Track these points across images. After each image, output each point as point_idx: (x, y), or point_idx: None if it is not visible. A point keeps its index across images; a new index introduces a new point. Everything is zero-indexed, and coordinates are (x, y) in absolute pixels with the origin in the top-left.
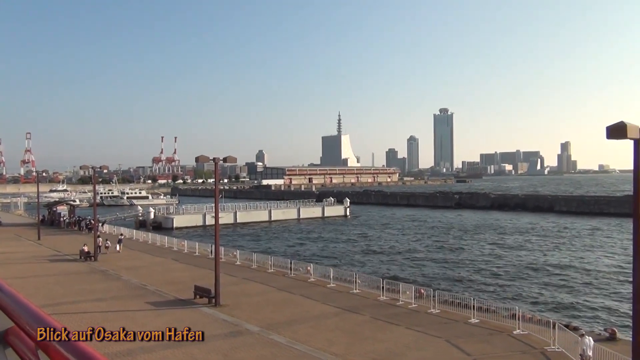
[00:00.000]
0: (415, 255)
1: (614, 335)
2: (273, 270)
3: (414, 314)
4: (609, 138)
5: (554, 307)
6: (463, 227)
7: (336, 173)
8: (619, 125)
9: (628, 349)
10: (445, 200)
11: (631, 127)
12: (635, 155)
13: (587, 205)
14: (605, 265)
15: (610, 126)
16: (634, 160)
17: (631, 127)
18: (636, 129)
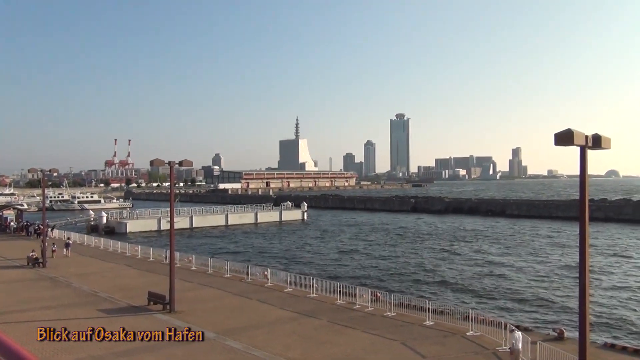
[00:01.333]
0: (372, 258)
1: (562, 335)
2: (229, 276)
3: (370, 317)
4: (556, 144)
5: (506, 308)
6: (418, 231)
7: (294, 177)
8: (566, 133)
9: (575, 348)
10: (402, 204)
11: (577, 134)
12: (581, 161)
13: (536, 209)
14: (554, 267)
15: (557, 133)
16: (580, 166)
17: (577, 134)
18: (582, 136)
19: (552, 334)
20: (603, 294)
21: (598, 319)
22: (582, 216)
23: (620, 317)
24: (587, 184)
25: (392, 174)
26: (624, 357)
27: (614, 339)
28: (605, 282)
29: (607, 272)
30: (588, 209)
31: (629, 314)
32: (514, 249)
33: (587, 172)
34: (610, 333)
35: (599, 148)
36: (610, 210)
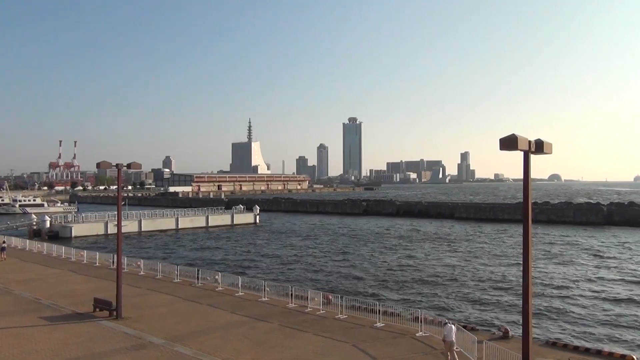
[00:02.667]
0: (324, 261)
1: (507, 333)
2: (179, 280)
3: (322, 320)
4: (501, 149)
5: (455, 309)
6: (369, 233)
7: (246, 180)
8: (510, 138)
9: (519, 346)
10: (354, 207)
11: (521, 139)
12: (524, 165)
13: (483, 211)
14: (500, 268)
15: (502, 138)
16: (524, 170)
17: (521, 139)
18: (525, 141)
19: (498, 333)
20: (546, 293)
21: (541, 317)
22: (526, 218)
23: (561, 315)
24: (530, 187)
25: (344, 177)
26: (565, 353)
27: (556, 337)
28: (548, 282)
29: (550, 272)
30: (531, 212)
31: (569, 313)
32: (462, 251)
33: (530, 176)
34: (552, 331)
35: (541, 153)
36: (553, 213)
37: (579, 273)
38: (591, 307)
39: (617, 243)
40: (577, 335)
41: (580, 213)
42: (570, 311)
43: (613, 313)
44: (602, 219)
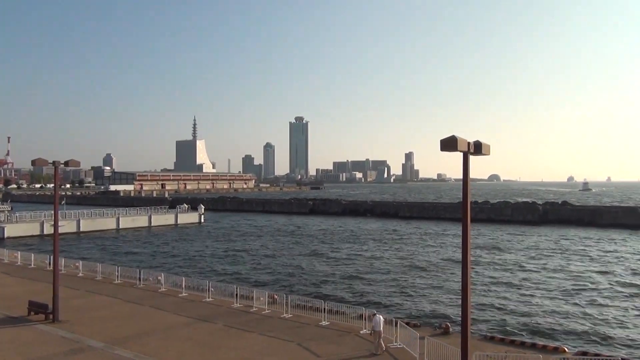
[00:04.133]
0: (270, 260)
1: (448, 329)
2: (120, 281)
3: (267, 319)
4: (442, 150)
5: (399, 306)
6: (315, 232)
7: (191, 179)
8: (451, 139)
9: (459, 341)
10: (300, 207)
11: (461, 140)
12: (464, 166)
13: (426, 211)
14: (442, 265)
15: (443, 140)
16: (463, 171)
17: (461, 140)
18: (465, 142)
19: (439, 329)
20: (486, 289)
21: (481, 313)
22: (465, 217)
23: (499, 311)
24: (469, 186)
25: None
26: (501, 347)
27: (494, 331)
28: (487, 279)
29: (488, 269)
30: (472, 211)
31: (506, 308)
32: (405, 249)
33: (470, 176)
34: (492, 326)
35: (479, 154)
36: (492, 212)
37: (515, 270)
38: (527, 302)
39: (551, 240)
40: (513, 330)
41: (518, 212)
42: (507, 306)
43: (548, 308)
44: (537, 218)
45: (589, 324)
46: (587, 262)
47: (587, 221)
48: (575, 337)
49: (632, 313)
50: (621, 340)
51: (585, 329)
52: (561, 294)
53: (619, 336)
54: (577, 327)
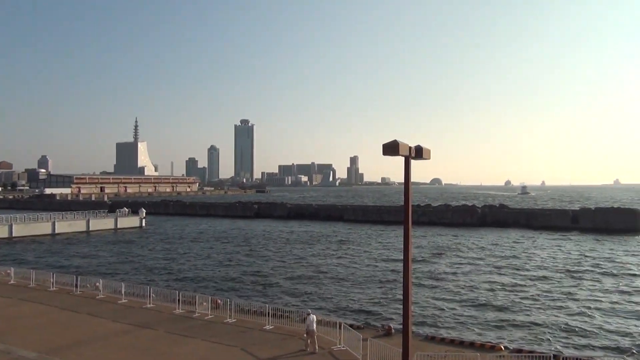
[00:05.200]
0: (213, 265)
1: (390, 331)
2: (56, 289)
3: (210, 324)
4: (384, 154)
5: (341, 308)
6: (260, 236)
7: (132, 182)
8: (392, 144)
9: (401, 342)
10: (245, 210)
11: (402, 145)
12: (405, 170)
13: (370, 214)
14: (385, 267)
15: (385, 144)
16: (405, 174)
17: (402, 145)
18: (406, 147)
19: (382, 331)
20: (428, 290)
21: (423, 313)
22: (406, 220)
23: (441, 311)
24: (410, 190)
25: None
26: (442, 347)
27: (435, 331)
28: (430, 279)
29: (431, 270)
30: (414, 214)
31: (448, 308)
32: (349, 252)
33: (411, 180)
34: (432, 326)
35: (420, 158)
36: (434, 215)
37: (455, 271)
38: (466, 301)
39: (489, 241)
40: (454, 329)
41: (458, 215)
42: (448, 306)
43: (486, 307)
44: (476, 220)
45: (526, 321)
46: (523, 261)
47: (523, 223)
48: (512, 335)
49: (563, 310)
50: (554, 337)
51: (522, 326)
52: (499, 293)
53: (551, 333)
54: (514, 325)
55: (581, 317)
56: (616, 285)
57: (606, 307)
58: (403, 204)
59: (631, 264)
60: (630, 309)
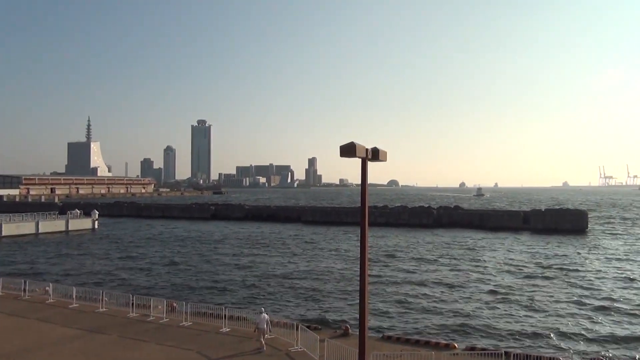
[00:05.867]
0: (168, 267)
1: (347, 331)
2: (2, 294)
3: (165, 328)
4: (342, 156)
5: (299, 309)
6: (217, 238)
7: (84, 183)
8: (349, 146)
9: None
10: (202, 212)
11: (359, 147)
12: (362, 171)
13: (329, 215)
14: (342, 268)
15: (342, 146)
16: (362, 176)
17: (359, 147)
18: (363, 149)
19: (339, 331)
20: (384, 290)
21: (379, 313)
22: (363, 221)
23: (397, 310)
24: (367, 191)
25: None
26: (398, 346)
27: (391, 331)
28: (386, 279)
29: (388, 270)
30: (371, 215)
31: (404, 307)
32: (306, 254)
33: (368, 181)
34: (389, 325)
35: (377, 160)
36: (391, 216)
37: (412, 270)
38: (421, 301)
39: (443, 242)
40: (410, 328)
41: (414, 216)
42: (404, 306)
43: (441, 305)
44: (432, 221)
45: (479, 320)
46: (475, 261)
47: (477, 224)
48: (465, 333)
49: (514, 309)
50: (506, 334)
51: (475, 325)
52: (453, 292)
53: (504, 331)
54: (468, 323)
55: (531, 315)
56: (565, 283)
57: (555, 305)
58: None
59: (577, 263)
60: (578, 307)
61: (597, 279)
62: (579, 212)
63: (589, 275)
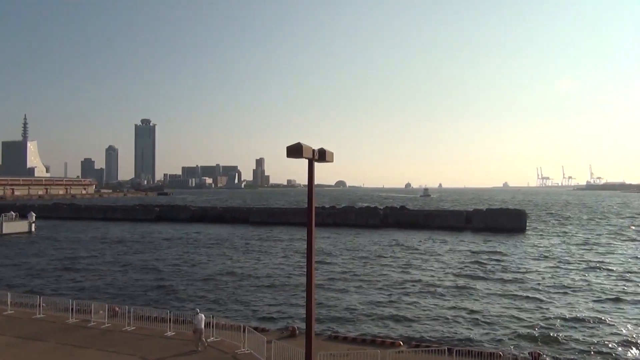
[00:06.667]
0: (110, 270)
1: (295, 332)
2: None
3: (107, 333)
4: (288, 157)
5: (247, 311)
6: (161, 240)
7: (20, 184)
8: (296, 147)
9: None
10: (146, 214)
11: (306, 148)
12: (309, 172)
13: (276, 216)
14: (290, 267)
15: (289, 147)
16: (308, 177)
17: (306, 148)
18: (310, 149)
19: (286, 332)
20: (332, 290)
21: (327, 313)
22: (310, 221)
23: (343, 310)
24: (314, 192)
25: (136, 181)
26: (345, 345)
27: (337, 330)
28: (334, 279)
29: (335, 269)
30: (319, 216)
31: (352, 307)
32: (253, 255)
33: (315, 182)
34: (336, 325)
35: (324, 161)
36: (338, 217)
37: (358, 269)
38: (368, 299)
39: (389, 241)
40: (356, 327)
41: (361, 216)
42: (350, 305)
43: (386, 304)
44: (379, 221)
45: (423, 317)
46: (420, 260)
47: (422, 224)
48: (410, 331)
49: (457, 305)
50: (449, 331)
51: (420, 322)
52: (399, 290)
53: (447, 327)
54: (413, 320)
55: (473, 311)
56: (502, 280)
57: (494, 301)
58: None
59: (514, 260)
60: (514, 302)
61: (533, 275)
62: (519, 212)
63: (525, 272)
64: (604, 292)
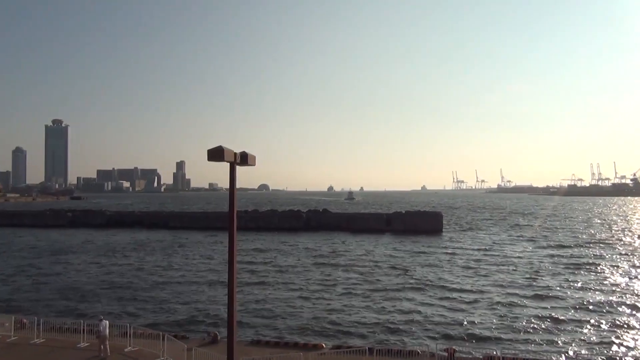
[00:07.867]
0: (18, 281)
1: (216, 338)
2: None
3: (13, 347)
4: (209, 160)
5: (165, 319)
6: (74, 246)
7: None
8: (217, 150)
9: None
10: (57, 219)
11: (227, 151)
12: (230, 175)
13: (198, 220)
14: (210, 273)
15: (210, 150)
16: (230, 180)
17: (227, 151)
18: (231, 153)
19: (208, 339)
20: (255, 294)
21: (249, 318)
22: (231, 225)
23: (266, 314)
24: (235, 196)
25: (47, 185)
26: (267, 349)
27: (260, 335)
28: (255, 283)
29: (256, 274)
30: (242, 220)
31: (272, 311)
32: (174, 261)
33: (237, 186)
34: (259, 330)
35: (246, 164)
36: (261, 220)
37: (279, 272)
38: (290, 303)
39: (311, 244)
40: (278, 331)
41: (285, 220)
42: (273, 309)
43: (308, 307)
44: (302, 224)
45: (344, 319)
46: (338, 261)
47: (344, 226)
48: (334, 331)
49: (377, 306)
50: (368, 332)
51: (341, 324)
52: (323, 292)
53: (367, 328)
54: (335, 322)
55: (390, 311)
56: (419, 279)
57: (411, 299)
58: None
59: (431, 260)
60: (431, 300)
61: (448, 275)
62: (435, 214)
63: (441, 270)
64: (514, 287)
